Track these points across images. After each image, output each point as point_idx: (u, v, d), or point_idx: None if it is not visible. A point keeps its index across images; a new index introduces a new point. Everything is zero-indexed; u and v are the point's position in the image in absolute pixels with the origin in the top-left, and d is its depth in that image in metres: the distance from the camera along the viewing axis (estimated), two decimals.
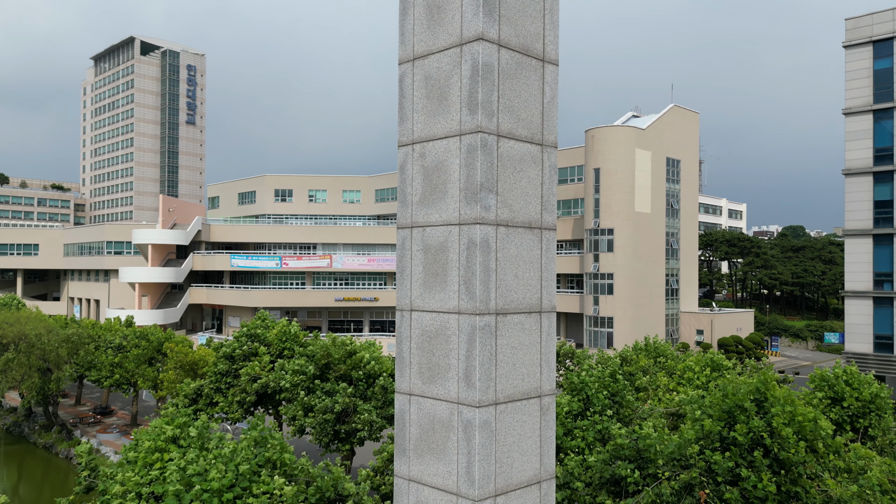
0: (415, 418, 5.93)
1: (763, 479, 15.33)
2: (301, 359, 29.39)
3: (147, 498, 15.41)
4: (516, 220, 5.73)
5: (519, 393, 5.78)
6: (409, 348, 6.00)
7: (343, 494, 17.41)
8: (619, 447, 17.78)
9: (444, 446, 5.68)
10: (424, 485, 5.82)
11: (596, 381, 21.73)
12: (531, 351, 5.86)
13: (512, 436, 5.70)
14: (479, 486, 5.45)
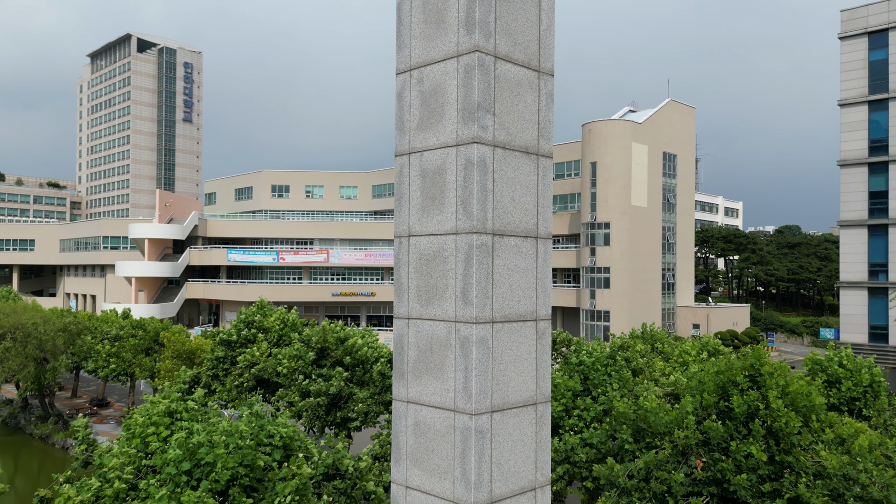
0: (413, 341, 6.02)
1: (752, 449, 15.46)
2: (298, 344, 29.44)
3: (145, 471, 15.46)
4: (513, 143, 5.82)
5: (515, 314, 5.87)
6: (407, 273, 6.08)
7: (342, 471, 17.50)
8: (621, 415, 17.90)
9: (441, 365, 5.77)
10: (422, 405, 5.90)
11: (595, 360, 21.85)
12: (527, 275, 5.95)
13: (508, 355, 5.79)
14: (476, 401, 5.54)
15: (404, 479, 6.04)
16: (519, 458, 5.85)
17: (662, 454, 16.41)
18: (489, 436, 5.60)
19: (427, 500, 5.80)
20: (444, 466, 5.70)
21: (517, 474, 5.84)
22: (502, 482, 5.69)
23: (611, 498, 16.38)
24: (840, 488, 15.07)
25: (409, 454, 5.99)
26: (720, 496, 16.54)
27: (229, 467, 14.10)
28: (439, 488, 5.71)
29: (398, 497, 6.09)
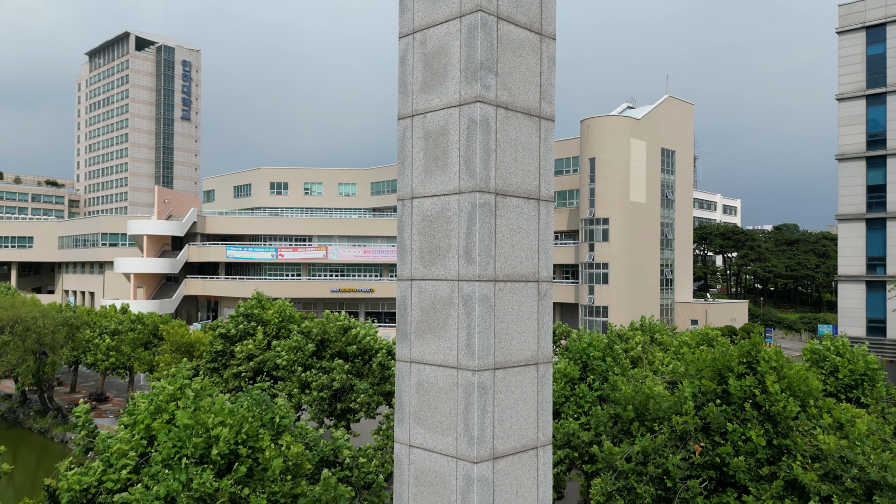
0: (416, 302, 6.09)
1: (749, 433, 15.54)
2: (297, 335, 29.48)
3: (149, 455, 15.51)
4: (515, 104, 5.88)
5: (517, 274, 5.94)
6: (410, 235, 6.15)
7: (341, 460, 17.56)
8: (624, 397, 17.98)
9: (444, 324, 5.84)
10: (426, 364, 5.97)
11: (594, 349, 21.95)
12: (529, 236, 6.02)
13: (510, 314, 5.86)
14: (479, 357, 5.61)
15: (407, 439, 6.11)
16: (521, 416, 5.92)
17: (661, 438, 16.49)
18: (491, 392, 5.67)
19: (430, 458, 5.87)
20: (447, 423, 5.77)
21: (519, 432, 5.91)
22: (504, 439, 5.76)
23: (607, 479, 16.46)
24: (837, 469, 15.16)
25: (412, 413, 6.06)
26: (718, 480, 16.63)
27: (230, 442, 14.19)
28: (442, 445, 5.78)
29: (401, 457, 6.16)
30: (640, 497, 16.35)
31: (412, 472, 6.02)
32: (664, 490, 16.19)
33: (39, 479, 38.18)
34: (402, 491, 6.13)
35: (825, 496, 15.19)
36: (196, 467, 14.03)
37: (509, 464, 5.78)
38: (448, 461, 5.72)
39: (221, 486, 13.90)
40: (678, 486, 15.85)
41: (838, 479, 15.36)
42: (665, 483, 15.90)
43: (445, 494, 5.72)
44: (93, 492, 15.09)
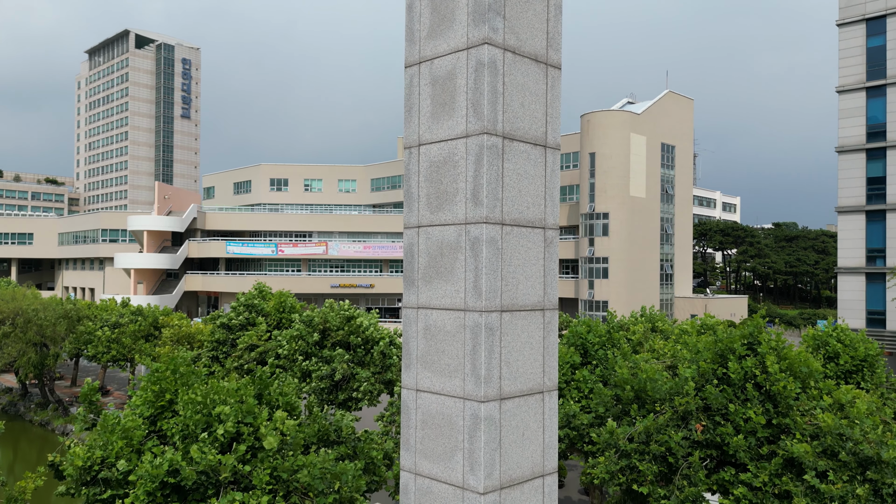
0: (423, 248, 6.14)
1: (751, 413, 15.60)
2: (299, 324, 29.53)
3: (161, 422, 15.56)
4: (523, 48, 5.93)
5: (524, 219, 5.99)
6: (417, 183, 6.20)
7: (344, 435, 17.61)
8: (623, 380, 18.04)
9: (451, 268, 5.89)
10: (433, 308, 6.02)
11: (594, 335, 22.01)
12: (536, 182, 6.07)
13: (517, 258, 5.91)
14: (486, 299, 5.66)
15: (414, 384, 6.16)
16: (527, 359, 5.98)
17: (662, 418, 16.55)
18: (498, 334, 5.72)
19: (438, 400, 5.93)
20: (454, 366, 5.82)
21: (525, 375, 5.96)
22: (511, 380, 5.81)
23: (610, 458, 16.52)
24: (835, 446, 15.23)
25: (419, 358, 6.11)
26: (719, 459, 16.69)
27: (231, 419, 14.26)
28: (450, 387, 5.83)
29: (409, 402, 6.21)
30: (642, 475, 16.42)
31: (419, 417, 6.07)
32: (666, 467, 16.25)
33: None
34: (409, 436, 6.18)
35: (821, 471, 15.27)
36: (198, 443, 14.08)
37: (516, 405, 5.84)
38: (455, 402, 5.77)
39: (224, 462, 13.95)
40: (680, 462, 15.91)
41: (835, 455, 15.43)
42: (668, 460, 15.97)
43: (453, 435, 5.78)
44: (97, 468, 15.13)
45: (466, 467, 5.63)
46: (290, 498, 14.85)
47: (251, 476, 14.42)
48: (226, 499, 13.66)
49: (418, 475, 6.01)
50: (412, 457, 6.09)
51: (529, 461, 5.93)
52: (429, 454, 5.95)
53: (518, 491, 5.79)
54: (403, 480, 6.16)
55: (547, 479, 6.12)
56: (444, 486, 5.78)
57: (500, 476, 5.64)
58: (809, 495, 15.02)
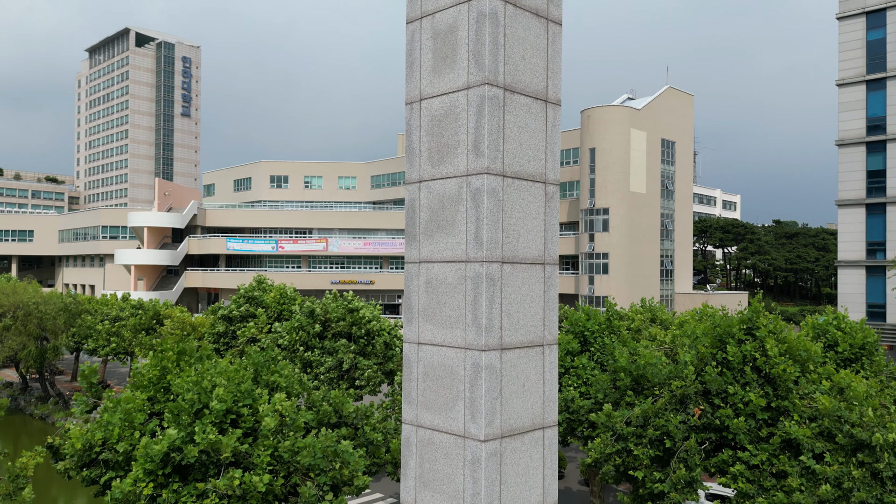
0: (424, 203, 6.18)
1: (750, 395, 15.64)
2: (300, 315, 29.56)
3: (161, 405, 15.60)
4: (523, 2, 5.96)
5: (525, 172, 6.03)
6: (418, 138, 6.23)
7: (344, 415, 17.65)
8: (621, 368, 18.07)
9: (453, 220, 5.93)
10: (434, 262, 6.06)
11: (594, 323, 22.05)
12: (537, 136, 6.11)
13: (518, 211, 5.95)
14: (487, 249, 5.70)
15: (416, 337, 6.20)
16: (528, 311, 6.02)
17: (661, 402, 16.59)
18: (499, 285, 5.76)
19: (439, 352, 5.97)
20: (455, 317, 5.86)
21: (526, 326, 6.00)
22: (512, 331, 5.85)
23: (606, 439, 16.56)
24: (832, 429, 15.26)
25: (420, 311, 6.15)
26: (717, 442, 16.74)
27: (228, 400, 14.30)
28: (451, 338, 5.88)
29: (410, 355, 6.26)
30: (637, 460, 16.46)
31: (421, 369, 6.11)
32: (663, 451, 16.28)
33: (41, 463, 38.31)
34: (410, 389, 6.23)
35: (818, 453, 15.32)
36: (198, 422, 14.12)
37: (516, 356, 5.88)
38: (456, 353, 5.81)
39: (224, 442, 13.98)
40: (677, 445, 15.94)
41: (832, 437, 15.48)
42: (665, 443, 16.00)
43: (454, 385, 5.82)
44: (97, 450, 15.18)
45: (468, 416, 5.67)
46: (291, 478, 14.90)
47: (251, 456, 14.46)
48: (226, 477, 13.71)
49: (420, 427, 6.05)
50: (413, 409, 6.13)
51: (530, 412, 5.98)
52: (430, 405, 5.99)
53: (518, 441, 5.83)
54: (405, 434, 6.20)
55: (547, 431, 6.17)
56: (446, 435, 5.82)
57: (500, 425, 5.69)
58: (805, 475, 15.07)
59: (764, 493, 15.15)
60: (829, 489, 14.33)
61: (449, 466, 5.79)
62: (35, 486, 24.98)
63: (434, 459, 5.93)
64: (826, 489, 14.31)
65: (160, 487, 14.06)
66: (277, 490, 14.36)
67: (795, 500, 14.47)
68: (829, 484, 14.59)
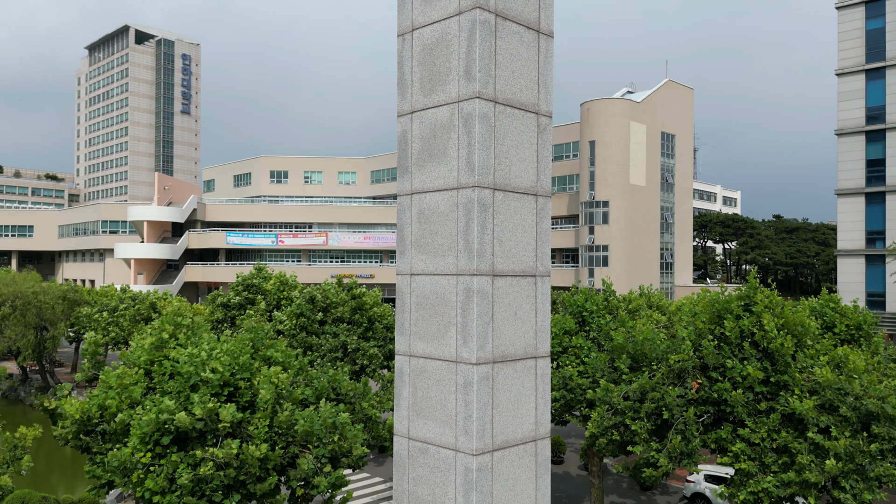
0: (416, 133, 6.18)
1: (749, 368, 15.62)
2: (300, 300, 29.57)
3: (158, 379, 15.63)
4: None
5: (517, 101, 6.02)
6: (409, 69, 6.23)
7: (341, 392, 17.67)
8: (618, 346, 18.08)
9: (444, 149, 5.93)
10: (426, 192, 6.07)
11: (591, 304, 22.06)
12: (529, 66, 6.10)
13: (510, 139, 5.95)
14: (479, 174, 5.71)
15: (409, 269, 6.21)
16: (520, 241, 6.03)
17: (658, 376, 16.59)
18: (491, 211, 5.77)
19: (431, 281, 5.98)
20: (447, 245, 5.87)
21: (518, 256, 6.01)
22: (504, 259, 5.87)
23: (603, 413, 16.57)
24: (835, 400, 15.25)
25: (413, 243, 6.16)
26: (716, 416, 16.73)
27: (226, 373, 14.33)
28: (443, 266, 5.89)
29: (403, 287, 6.27)
30: (636, 435, 16.46)
31: (413, 299, 6.12)
32: (660, 424, 16.28)
33: (41, 453, 38.28)
34: (403, 320, 6.24)
35: (823, 427, 15.30)
36: (194, 394, 14.14)
37: (508, 284, 5.89)
38: (448, 280, 5.82)
39: (222, 415, 13.99)
40: (675, 418, 15.94)
41: (835, 410, 15.46)
42: (663, 415, 15.99)
43: (446, 312, 5.83)
44: (95, 421, 15.21)
45: (459, 341, 5.68)
46: (290, 449, 14.92)
47: (249, 426, 14.48)
48: (224, 445, 13.73)
49: (412, 356, 6.07)
50: (406, 340, 6.14)
51: (522, 341, 5.99)
52: (422, 334, 6.00)
53: (511, 368, 5.85)
54: (398, 365, 6.21)
55: (540, 361, 6.18)
56: (438, 362, 5.83)
57: (492, 350, 5.70)
58: (814, 451, 15.02)
59: (766, 471, 15.11)
60: (842, 465, 14.25)
61: (441, 392, 5.81)
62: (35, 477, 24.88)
63: (427, 387, 5.95)
64: (839, 465, 14.22)
65: (158, 457, 14.08)
66: (276, 460, 14.37)
67: (807, 478, 14.42)
68: (840, 461, 14.50)
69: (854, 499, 14.53)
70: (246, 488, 14.33)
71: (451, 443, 5.65)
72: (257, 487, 14.14)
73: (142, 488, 13.91)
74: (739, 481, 15.60)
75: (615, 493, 27.11)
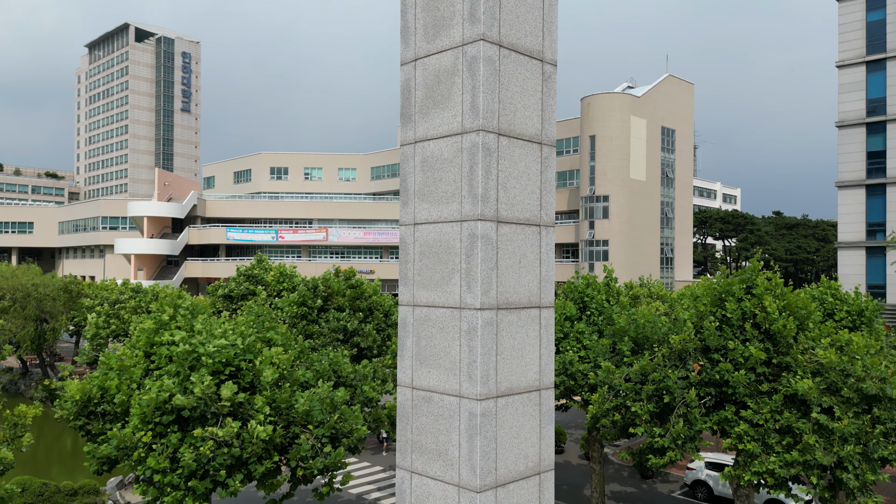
0: (420, 81, 6.13)
1: (751, 349, 15.58)
2: (302, 287, 29.55)
3: (155, 367, 15.60)
4: None
5: (522, 47, 5.96)
6: (413, 16, 6.17)
7: (342, 375, 17.63)
8: (620, 329, 18.04)
9: (448, 94, 5.88)
10: (430, 139, 6.01)
11: (592, 289, 22.03)
12: (534, 11, 6.05)
13: (514, 85, 5.90)
14: (483, 118, 5.64)
15: (412, 218, 6.17)
16: (524, 188, 5.98)
17: (658, 358, 16.55)
18: (496, 156, 5.73)
19: (435, 229, 5.93)
20: (451, 192, 5.83)
21: (522, 204, 5.97)
22: (508, 205, 5.82)
23: (604, 395, 16.53)
24: (837, 382, 15.21)
25: (416, 192, 6.12)
26: (718, 398, 16.69)
27: (229, 355, 14.28)
28: (447, 212, 5.84)
29: (406, 237, 6.22)
30: (638, 416, 16.42)
31: (417, 249, 6.08)
32: (661, 407, 16.24)
33: (41, 445, 38.23)
34: (406, 270, 6.19)
35: (826, 407, 15.26)
36: (195, 374, 14.10)
37: (512, 231, 5.84)
38: (452, 226, 5.78)
39: (222, 393, 13.96)
40: (676, 401, 15.90)
41: (838, 391, 15.43)
42: (663, 399, 15.95)
43: (450, 259, 5.79)
44: (96, 401, 15.17)
45: (463, 287, 5.64)
46: (291, 429, 14.89)
47: (249, 405, 14.44)
48: (225, 424, 13.70)
49: (416, 306, 6.02)
50: (410, 290, 6.10)
51: (526, 289, 5.94)
52: (426, 283, 5.96)
53: (515, 315, 5.80)
54: (402, 315, 6.17)
55: (544, 311, 6.14)
56: (442, 310, 5.79)
57: (496, 296, 5.65)
58: (818, 432, 14.98)
59: (769, 451, 15.07)
60: (851, 448, 14.21)
61: (445, 340, 5.77)
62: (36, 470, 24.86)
63: (430, 335, 5.91)
64: (849, 449, 14.18)
65: (159, 437, 14.05)
66: (277, 440, 14.33)
67: (814, 458, 14.37)
68: (848, 443, 14.47)
69: (857, 479, 14.50)
70: (248, 468, 14.29)
71: (455, 389, 5.61)
72: (258, 468, 14.11)
73: (143, 466, 13.88)
74: (743, 462, 15.56)
75: (616, 481, 27.08)
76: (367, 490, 25.80)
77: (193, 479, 13.57)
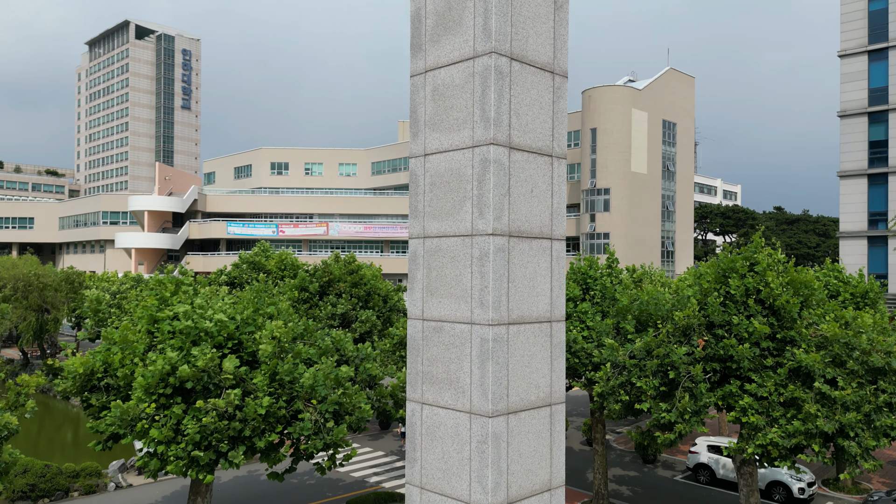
0: (431, 8, 6.07)
1: (755, 323, 15.53)
2: (303, 273, 29.55)
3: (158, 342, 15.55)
4: None
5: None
6: None
7: (345, 354, 17.57)
8: (624, 308, 17.98)
9: (459, 19, 5.81)
10: (440, 67, 5.95)
11: (595, 270, 21.99)
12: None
13: (527, 9, 5.84)
14: (496, 40, 5.59)
15: (422, 149, 6.10)
16: (536, 116, 5.91)
17: (663, 334, 16.49)
18: (508, 80, 5.65)
19: (447, 158, 5.87)
20: (463, 118, 5.75)
21: (534, 132, 5.90)
22: (520, 132, 5.75)
23: (608, 372, 16.47)
24: (842, 355, 15.17)
25: (427, 123, 6.05)
26: (722, 373, 16.64)
27: (230, 327, 14.23)
28: (458, 140, 5.77)
29: (416, 169, 6.16)
30: (643, 392, 16.37)
31: (427, 180, 6.02)
32: (667, 383, 16.19)
33: (42, 436, 38.20)
34: (416, 202, 6.12)
35: (830, 378, 15.22)
36: (196, 348, 14.06)
37: (524, 159, 5.77)
38: (464, 154, 5.71)
39: (224, 366, 13.91)
40: (681, 377, 15.84)
41: (843, 364, 15.38)
42: (668, 375, 15.90)
43: (461, 187, 5.71)
44: (99, 375, 15.12)
45: (475, 213, 5.58)
46: (294, 403, 14.83)
47: (251, 378, 14.39)
48: (226, 395, 13.65)
49: (426, 237, 5.96)
50: (420, 223, 6.04)
51: (538, 219, 5.89)
52: (437, 213, 5.90)
53: (526, 244, 5.75)
54: (412, 248, 6.12)
55: (555, 243, 6.08)
56: (453, 238, 5.73)
57: (508, 223, 5.60)
58: (820, 401, 14.97)
59: (774, 424, 15.04)
60: (853, 416, 14.21)
61: (456, 268, 5.71)
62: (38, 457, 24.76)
63: (441, 266, 5.85)
64: (851, 416, 14.18)
65: (163, 408, 14.00)
66: (280, 413, 14.27)
67: (816, 426, 14.35)
68: (849, 411, 14.47)
69: (858, 446, 14.49)
70: (251, 441, 14.25)
71: (467, 317, 5.55)
72: (259, 442, 14.05)
73: (147, 438, 13.84)
74: (747, 435, 15.52)
75: (618, 466, 27.03)
76: (367, 474, 25.75)
77: (197, 450, 13.53)
